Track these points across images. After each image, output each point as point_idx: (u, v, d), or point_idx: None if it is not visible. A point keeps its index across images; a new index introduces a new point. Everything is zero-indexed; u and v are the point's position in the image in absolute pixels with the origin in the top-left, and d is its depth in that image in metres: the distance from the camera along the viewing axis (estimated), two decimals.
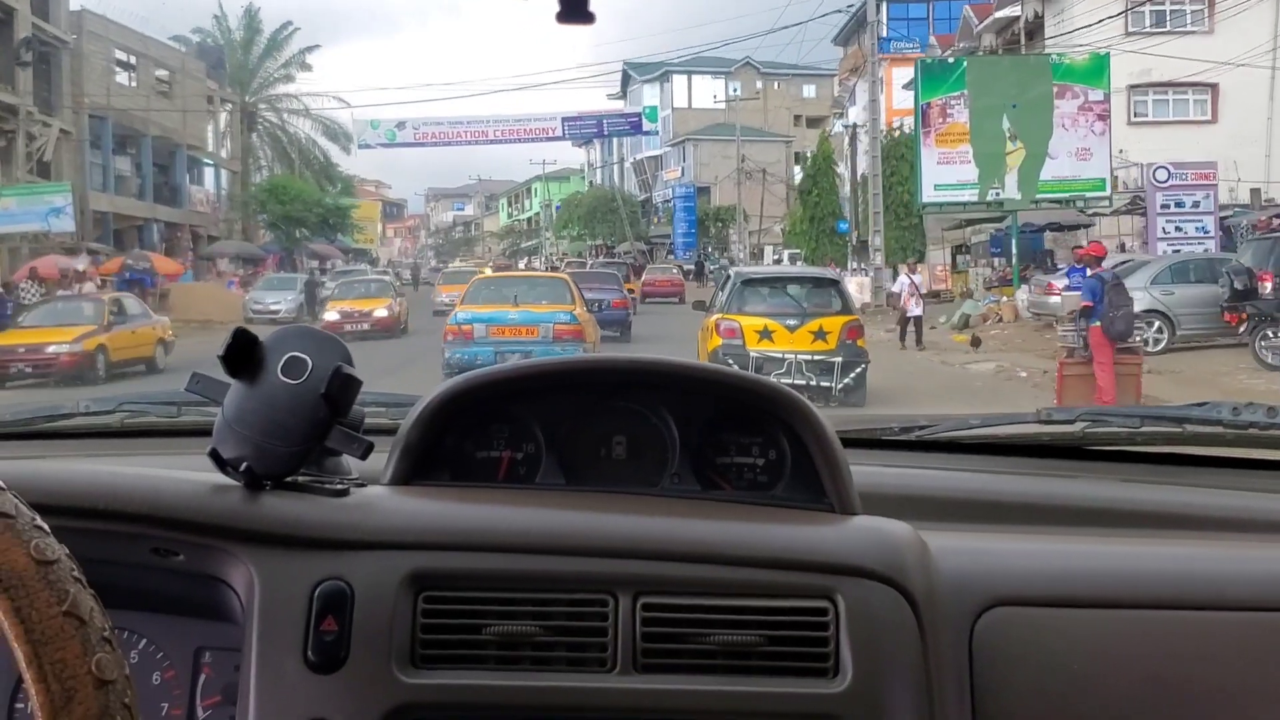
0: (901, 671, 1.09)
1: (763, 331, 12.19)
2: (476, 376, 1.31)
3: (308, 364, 1.11)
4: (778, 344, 12.08)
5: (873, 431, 1.78)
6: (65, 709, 0.72)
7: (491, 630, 1.09)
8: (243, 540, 1.10)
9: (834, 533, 1.20)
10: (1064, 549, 1.31)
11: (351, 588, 1.08)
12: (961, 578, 1.18)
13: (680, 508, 1.24)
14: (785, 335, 12.16)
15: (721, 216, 66.04)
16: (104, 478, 1.13)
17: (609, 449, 1.33)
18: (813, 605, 1.11)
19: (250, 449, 1.11)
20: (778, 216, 58.38)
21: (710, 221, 66.67)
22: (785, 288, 13.22)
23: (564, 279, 16.92)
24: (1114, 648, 1.16)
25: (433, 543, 1.12)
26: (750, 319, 12.36)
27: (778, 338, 12.15)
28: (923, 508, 1.40)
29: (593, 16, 0.88)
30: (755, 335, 12.17)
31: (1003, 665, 1.14)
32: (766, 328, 12.22)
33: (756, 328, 12.23)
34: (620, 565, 1.11)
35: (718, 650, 1.09)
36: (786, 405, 1.29)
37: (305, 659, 1.06)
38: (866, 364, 12.20)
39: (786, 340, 12.12)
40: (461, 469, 1.32)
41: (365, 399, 1.18)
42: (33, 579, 0.73)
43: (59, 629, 0.73)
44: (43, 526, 0.77)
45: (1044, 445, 1.73)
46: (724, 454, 1.33)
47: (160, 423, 1.83)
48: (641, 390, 1.33)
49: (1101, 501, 1.51)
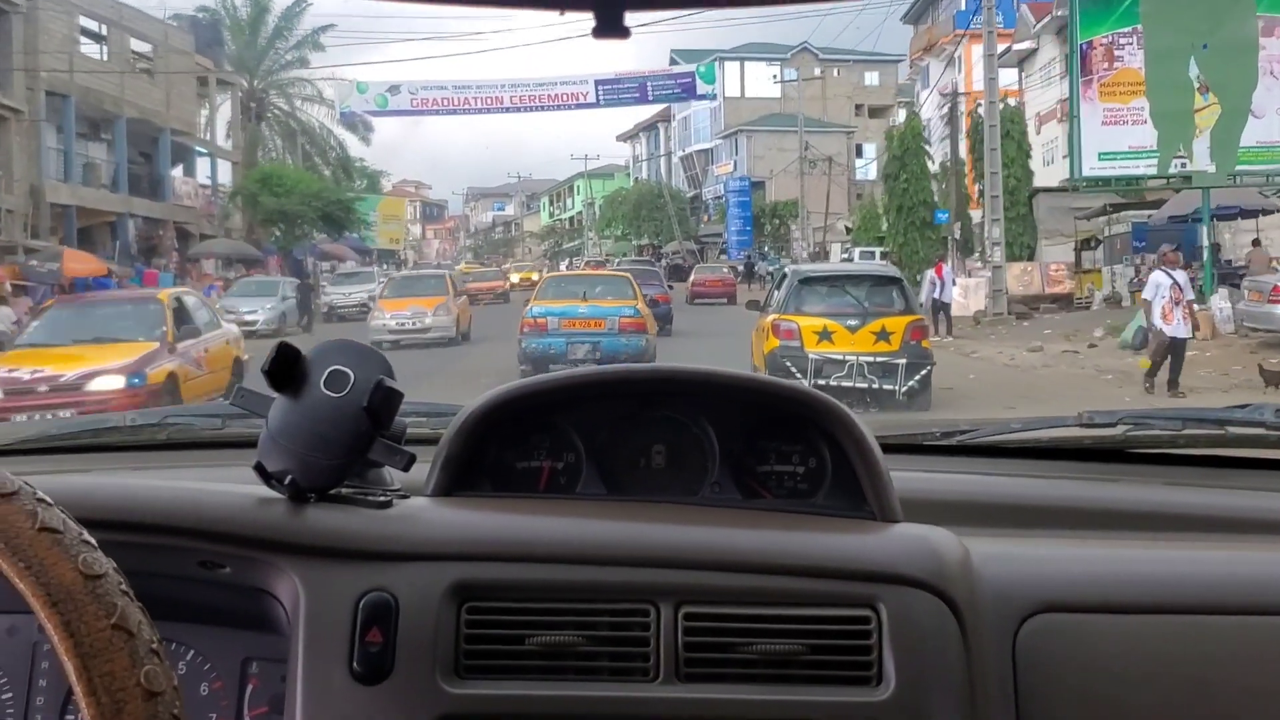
0: (945, 679, 1.09)
1: (822, 332, 11.69)
2: (516, 387, 1.31)
3: (350, 377, 1.12)
4: (838, 345, 11.61)
5: (913, 437, 1.78)
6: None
7: (534, 640, 1.10)
8: (288, 552, 1.12)
9: (875, 540, 1.20)
10: (1107, 554, 1.31)
11: (396, 599, 1.09)
12: (1004, 584, 1.18)
13: (721, 517, 1.24)
14: (846, 336, 11.67)
15: (779, 212, 60.44)
16: (151, 492, 1.16)
17: (649, 458, 1.34)
18: (855, 614, 1.11)
19: (294, 462, 1.12)
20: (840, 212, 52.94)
21: (766, 218, 61.10)
22: (845, 286, 12.59)
23: (626, 277, 17.75)
24: (1159, 653, 1.16)
25: (476, 553, 1.13)
26: (809, 319, 11.84)
27: (838, 339, 11.66)
28: (964, 513, 1.39)
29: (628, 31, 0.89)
30: (814, 336, 11.69)
31: (1047, 672, 1.14)
32: (826, 328, 11.71)
33: (815, 328, 11.72)
34: (662, 575, 1.12)
35: (760, 659, 1.10)
36: (826, 412, 1.29)
37: (351, 670, 1.07)
38: (932, 366, 11.70)
39: (847, 341, 11.64)
40: (502, 479, 1.32)
41: (406, 410, 1.19)
42: (81, 593, 0.75)
43: (107, 642, 0.75)
44: (90, 541, 0.79)
45: (1086, 449, 1.72)
46: (764, 462, 1.34)
47: (205, 436, 1.86)
48: (680, 399, 1.34)
49: (1145, 505, 1.50)
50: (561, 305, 15.26)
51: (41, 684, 1.24)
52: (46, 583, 0.75)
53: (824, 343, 11.63)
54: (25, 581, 0.76)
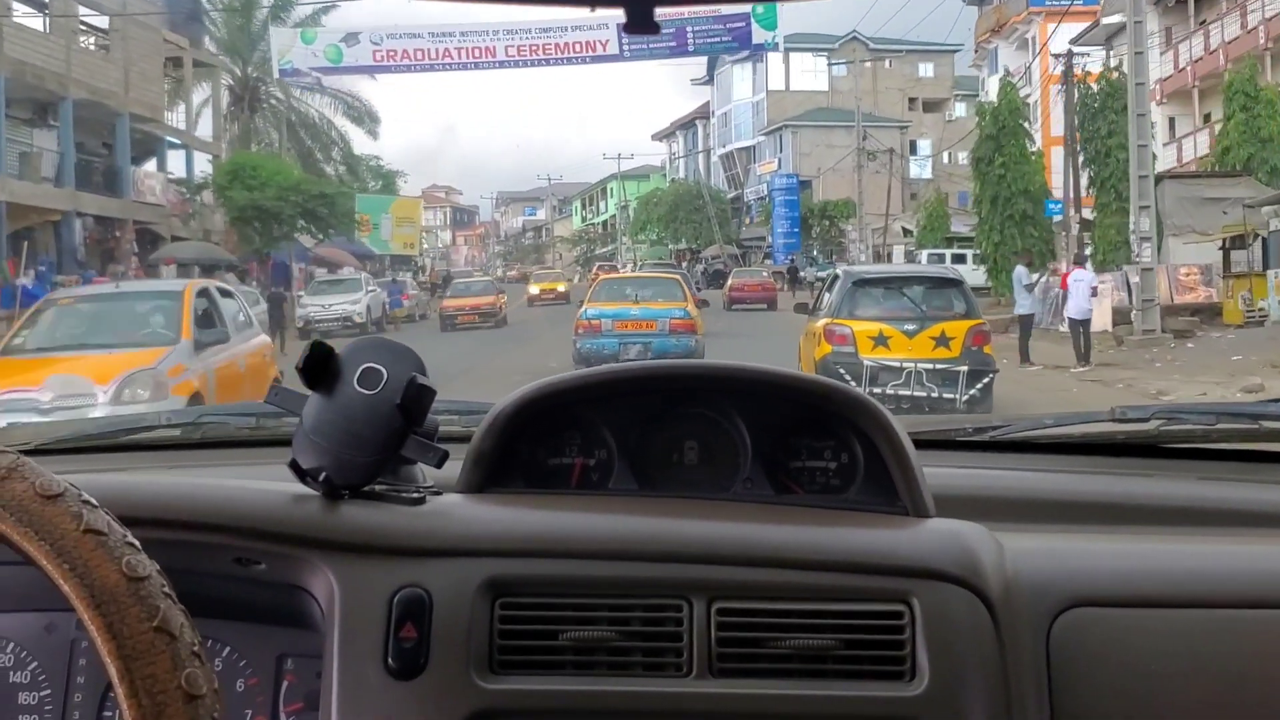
0: (979, 674, 1.09)
1: (877, 338, 11.05)
2: (547, 384, 1.32)
3: (383, 374, 1.13)
4: (894, 351, 10.98)
5: (945, 433, 1.79)
6: None
7: (568, 635, 1.10)
8: (323, 549, 1.12)
9: (908, 536, 1.20)
10: (1141, 548, 1.31)
11: (430, 595, 1.10)
12: (1038, 579, 1.18)
13: (753, 512, 1.25)
14: (903, 341, 11.02)
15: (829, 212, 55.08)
16: (188, 489, 1.18)
17: (680, 454, 1.34)
18: (889, 609, 1.11)
19: (328, 459, 1.13)
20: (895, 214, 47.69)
21: (815, 219, 55.77)
22: (902, 289, 11.83)
23: (677, 279, 18.46)
24: (1194, 647, 1.16)
25: (509, 549, 1.14)
26: (863, 324, 11.19)
27: (894, 344, 11.01)
28: (997, 509, 1.39)
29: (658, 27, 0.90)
30: (869, 342, 11.02)
31: (1081, 667, 1.15)
32: (882, 333, 11.07)
33: (870, 333, 11.07)
34: (695, 570, 1.12)
35: (793, 654, 1.10)
36: (857, 407, 1.29)
37: (385, 666, 1.08)
38: (994, 373, 11.18)
39: (904, 347, 10.99)
40: (535, 476, 1.33)
41: (439, 407, 1.20)
42: (124, 595, 0.76)
43: (150, 644, 0.76)
44: (134, 543, 0.80)
45: (1118, 444, 1.72)
46: (796, 458, 1.34)
47: (240, 434, 1.88)
48: (712, 395, 1.34)
49: (1178, 500, 1.49)
50: (615, 307, 15.66)
51: (79, 681, 1.26)
52: (90, 585, 0.76)
53: (879, 348, 11.02)
54: (69, 583, 0.76)
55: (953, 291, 11.77)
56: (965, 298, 11.72)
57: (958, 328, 11.09)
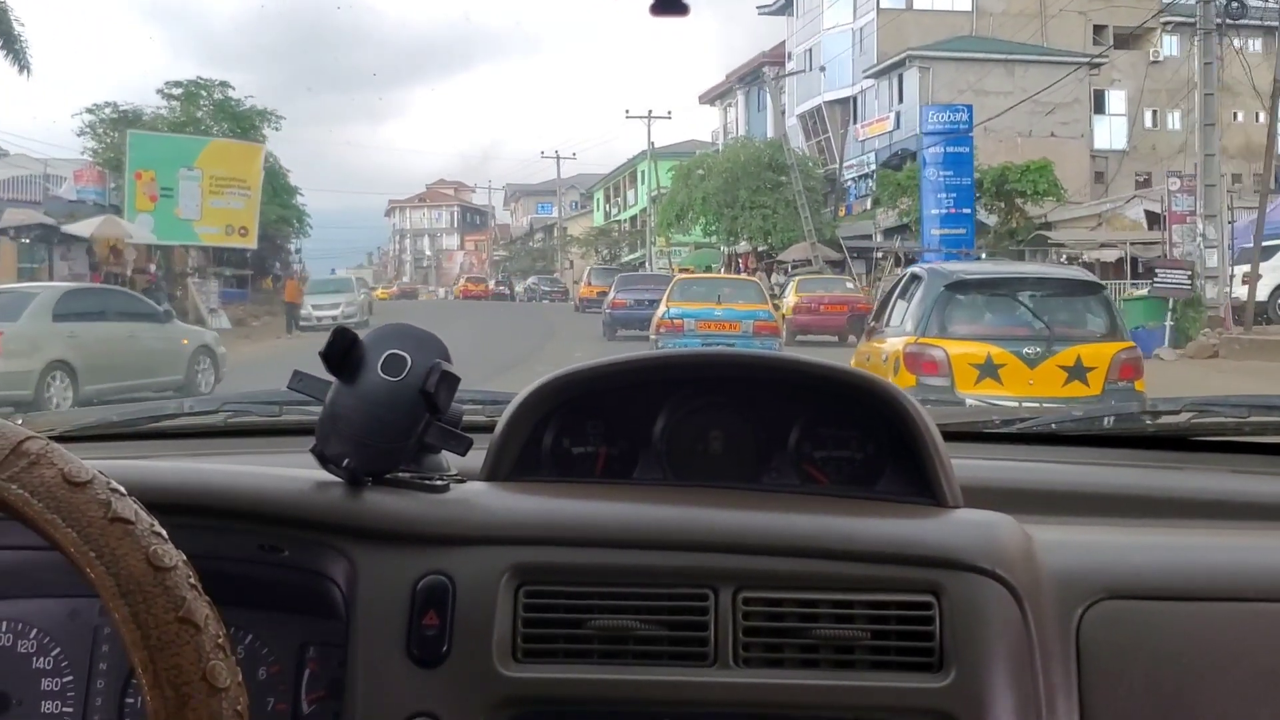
0: (1007, 665, 1.09)
1: (984, 365, 7.89)
2: (571, 373, 1.32)
3: (407, 361, 1.13)
4: (1008, 386, 7.73)
5: (974, 424, 1.79)
6: (178, 714, 0.75)
7: (592, 624, 1.11)
8: (346, 536, 1.14)
9: (936, 526, 1.20)
10: (1172, 541, 1.31)
11: (453, 582, 1.11)
12: (1067, 570, 1.19)
13: (780, 502, 1.25)
14: (1020, 372, 7.88)
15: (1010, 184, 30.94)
16: (213, 476, 1.19)
17: (706, 444, 1.34)
18: (916, 599, 1.11)
19: (351, 446, 1.13)
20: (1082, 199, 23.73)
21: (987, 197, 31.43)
22: (1016, 295, 8.44)
23: (756, 282, 19.35)
24: (1225, 640, 1.16)
25: (533, 537, 1.15)
26: (963, 345, 8.00)
27: (1008, 376, 7.83)
28: (1026, 501, 1.39)
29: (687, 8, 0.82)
30: (971, 371, 7.85)
31: (1110, 659, 1.15)
32: (990, 359, 7.92)
33: (973, 359, 7.90)
34: (721, 560, 1.13)
35: (820, 645, 1.11)
36: (885, 398, 1.29)
37: (408, 653, 1.09)
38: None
39: (1021, 380, 7.81)
40: (559, 465, 1.33)
41: (462, 396, 1.20)
42: (150, 585, 0.77)
43: (174, 635, 0.76)
44: (161, 533, 0.81)
45: (1149, 436, 1.72)
46: (823, 448, 1.34)
47: (263, 422, 1.87)
48: (738, 384, 1.35)
49: (1210, 493, 1.49)
50: (697, 307, 16.03)
51: (102, 668, 1.27)
52: (116, 573, 0.76)
53: (987, 380, 7.75)
54: (95, 571, 0.77)
55: (1090, 301, 8.56)
56: (1108, 310, 8.61)
57: (1099, 353, 7.96)
